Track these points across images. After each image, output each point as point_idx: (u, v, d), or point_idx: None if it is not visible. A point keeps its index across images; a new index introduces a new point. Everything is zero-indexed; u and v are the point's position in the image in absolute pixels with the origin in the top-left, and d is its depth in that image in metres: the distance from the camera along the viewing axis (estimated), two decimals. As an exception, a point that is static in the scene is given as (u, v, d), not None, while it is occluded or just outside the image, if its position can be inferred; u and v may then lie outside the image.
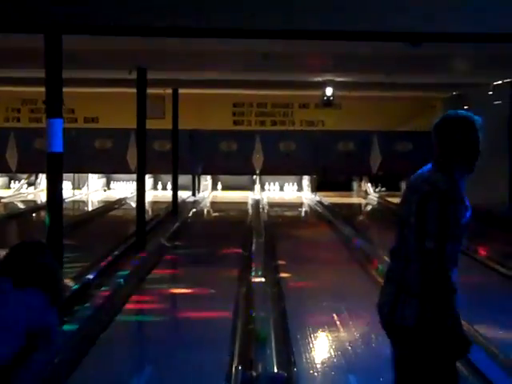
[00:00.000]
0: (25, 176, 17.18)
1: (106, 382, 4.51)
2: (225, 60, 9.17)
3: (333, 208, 14.05)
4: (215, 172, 17.08)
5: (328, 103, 12.72)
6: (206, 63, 9.44)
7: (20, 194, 16.58)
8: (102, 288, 6.73)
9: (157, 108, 13.45)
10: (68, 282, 6.36)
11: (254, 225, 11.51)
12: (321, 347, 5.34)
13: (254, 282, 6.99)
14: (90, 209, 14.93)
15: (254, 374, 4.36)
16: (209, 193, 17.28)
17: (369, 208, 15.95)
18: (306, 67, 10.01)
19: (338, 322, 5.80)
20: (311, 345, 5.23)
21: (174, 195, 12.97)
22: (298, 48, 8.10)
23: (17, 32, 5.72)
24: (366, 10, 5.37)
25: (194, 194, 16.30)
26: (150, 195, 15.24)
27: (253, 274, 7.37)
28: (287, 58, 8.92)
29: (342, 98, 14.03)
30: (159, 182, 17.45)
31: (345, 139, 16.20)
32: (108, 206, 14.59)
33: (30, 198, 15.92)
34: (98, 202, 15.71)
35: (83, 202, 15.60)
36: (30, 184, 17.24)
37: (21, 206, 14.83)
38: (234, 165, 16.05)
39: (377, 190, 17.35)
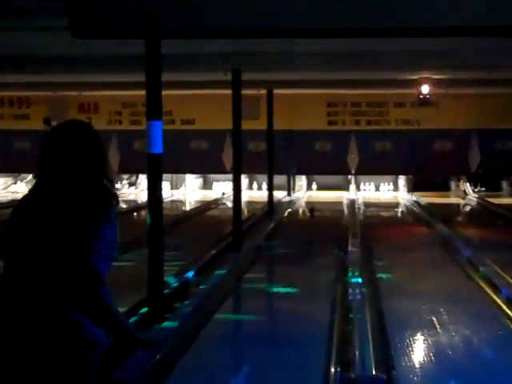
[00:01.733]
0: (126, 176, 17.70)
1: (206, 379, 4.58)
2: (318, 60, 9.15)
3: (430, 208, 13.76)
4: (310, 172, 17.06)
5: (424, 102, 12.47)
6: (300, 63, 9.45)
7: (121, 193, 17.09)
8: (201, 286, 6.86)
9: (252, 109, 13.57)
10: (169, 279, 6.52)
11: (349, 225, 11.43)
12: (420, 350, 5.23)
13: (351, 283, 6.94)
14: (188, 208, 15.21)
15: (353, 375, 4.33)
16: (304, 193, 17.28)
17: (468, 208, 15.52)
18: (400, 65, 9.85)
19: (437, 326, 5.68)
20: (410, 348, 5.14)
21: (270, 195, 13.05)
22: (391, 46, 7.98)
23: (118, 38, 5.89)
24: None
25: (289, 194, 16.34)
26: (246, 195, 15.38)
27: (349, 274, 7.33)
28: (381, 57, 8.81)
29: (439, 95, 13.73)
30: (255, 182, 17.58)
31: (442, 138, 15.84)
32: (205, 206, 14.83)
33: (131, 197, 16.38)
34: (196, 201, 15.99)
35: (181, 201, 15.92)
36: (130, 184, 17.74)
37: (122, 205, 15.29)
38: (328, 165, 15.99)
39: (476, 189, 16.85)
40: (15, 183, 18.08)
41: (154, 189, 5.71)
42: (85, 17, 4.40)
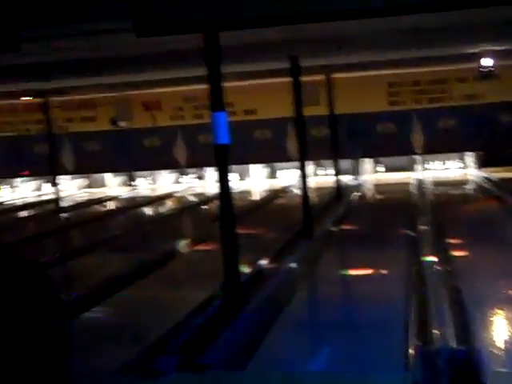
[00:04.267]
0: (193, 170, 17.97)
1: (286, 363, 4.66)
2: (375, 40, 9.09)
3: (502, 184, 13.49)
4: (374, 155, 16.93)
5: (487, 74, 12.22)
6: (357, 45, 9.41)
7: (190, 187, 17.37)
8: (275, 274, 6.95)
9: (312, 95, 13.56)
10: (243, 268, 6.63)
11: (419, 204, 11.33)
12: (499, 325, 5.20)
13: (425, 262, 6.92)
14: (256, 198, 15.34)
15: (433, 349, 4.34)
16: (370, 175, 17.18)
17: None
18: (461, 39, 9.69)
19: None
20: (489, 323, 5.11)
21: (336, 180, 13.07)
22: (450, 20, 7.87)
23: (178, 34, 6.01)
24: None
25: (355, 178, 16.29)
26: (313, 181, 15.39)
27: (423, 253, 7.29)
28: (439, 32, 8.69)
29: (503, 67, 13.42)
30: (320, 168, 17.56)
31: (508, 111, 15.47)
32: (273, 195, 14.94)
33: (199, 191, 16.63)
34: (264, 191, 16.11)
35: (248, 192, 16.07)
36: (198, 178, 18.00)
37: (191, 198, 15.55)
38: (393, 146, 15.85)
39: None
40: (89, 184, 18.59)
41: (223, 179, 5.82)
42: (146, 16, 4.54)
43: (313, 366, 4.65)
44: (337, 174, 13.12)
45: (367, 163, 17.40)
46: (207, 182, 17.29)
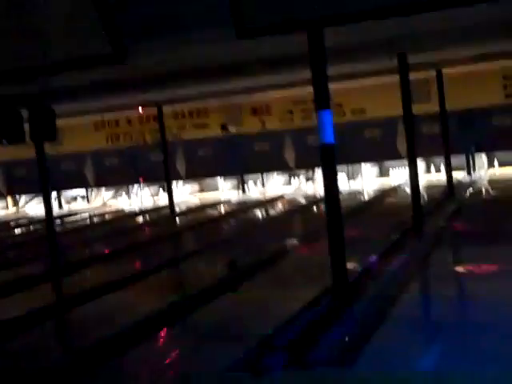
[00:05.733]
0: (303, 172, 18.08)
1: (397, 359, 4.59)
2: (489, 30, 8.79)
3: None
4: (490, 149, 16.36)
5: None
6: (469, 37, 9.14)
7: (300, 189, 17.48)
8: (384, 272, 6.88)
9: (422, 92, 13.31)
10: (353, 266, 6.62)
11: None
12: None
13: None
14: (367, 197, 15.21)
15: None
16: (485, 171, 16.63)
17: None
18: None
19: None
20: None
21: (449, 176, 12.77)
22: None
23: (280, 33, 6.05)
24: None
25: (469, 174, 15.85)
26: (424, 179, 15.09)
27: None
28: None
29: None
30: (432, 165, 17.19)
31: None
32: (383, 194, 14.77)
33: (309, 192, 16.69)
34: (374, 190, 15.96)
35: (359, 191, 15.96)
36: (307, 179, 18.07)
37: (301, 200, 15.62)
38: (510, 140, 15.27)
39: None
40: (201, 188, 19.07)
41: (329, 178, 5.82)
42: (247, 17, 4.61)
43: (423, 366, 4.56)
44: (449, 171, 12.81)
45: (481, 159, 16.87)
46: (317, 183, 17.32)
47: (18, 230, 15.40)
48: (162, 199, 17.78)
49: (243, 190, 18.11)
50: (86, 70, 6.84)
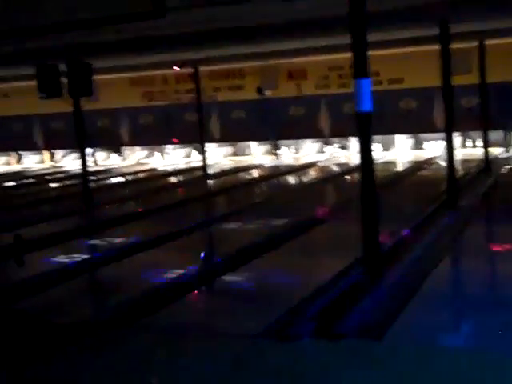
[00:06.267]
0: (337, 140, 17.96)
1: (425, 336, 4.58)
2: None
3: None
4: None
5: None
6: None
7: (333, 157, 17.37)
8: (417, 244, 6.84)
9: (463, 63, 13.05)
10: (384, 238, 6.57)
11: None
12: None
13: None
14: (400, 169, 15.08)
15: None
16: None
17: None
18: None
19: None
20: None
21: (485, 152, 12.56)
22: None
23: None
24: None
25: (506, 151, 15.59)
26: (460, 153, 14.90)
27: None
28: None
29: None
30: (468, 140, 16.95)
31: None
32: (417, 166, 14.62)
33: (342, 161, 16.59)
34: (408, 162, 15.81)
35: (393, 162, 15.81)
36: (342, 147, 17.96)
37: (335, 168, 15.54)
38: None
39: None
40: (234, 152, 19.07)
41: (365, 146, 5.75)
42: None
43: (451, 342, 4.54)
44: (486, 147, 12.60)
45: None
46: (350, 152, 17.20)
47: (53, 185, 15.60)
48: (195, 161, 17.81)
49: (276, 156, 18.06)
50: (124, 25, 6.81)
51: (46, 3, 5.17)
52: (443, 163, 10.83)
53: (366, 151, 5.73)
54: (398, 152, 17.22)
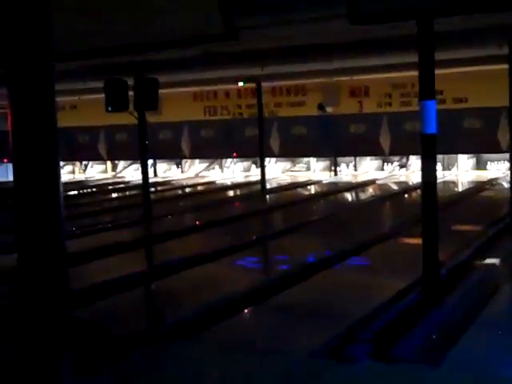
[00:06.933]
0: (397, 158, 17.81)
1: (481, 365, 4.48)
2: None
3: None
4: None
5: None
6: None
7: (393, 175, 17.21)
8: (477, 269, 6.71)
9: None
10: (445, 260, 6.48)
11: None
12: None
13: None
14: (461, 189, 14.83)
15: None
16: None
17: None
18: None
19: None
20: None
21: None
22: None
23: (392, 22, 5.94)
24: None
25: None
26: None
27: None
28: None
29: None
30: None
31: None
32: (479, 187, 14.36)
33: (401, 179, 16.42)
34: (469, 182, 15.54)
35: (453, 182, 15.57)
36: (401, 166, 17.79)
37: (394, 187, 15.39)
38: None
39: None
40: (293, 167, 19.12)
41: (428, 169, 5.69)
42: (362, 4, 4.55)
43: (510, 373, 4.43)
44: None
45: None
46: (410, 171, 17.00)
47: (115, 195, 15.89)
48: (254, 175, 17.89)
49: (335, 172, 18.00)
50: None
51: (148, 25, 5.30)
52: (506, 184, 10.62)
53: (429, 173, 5.66)
54: (460, 171, 16.96)
